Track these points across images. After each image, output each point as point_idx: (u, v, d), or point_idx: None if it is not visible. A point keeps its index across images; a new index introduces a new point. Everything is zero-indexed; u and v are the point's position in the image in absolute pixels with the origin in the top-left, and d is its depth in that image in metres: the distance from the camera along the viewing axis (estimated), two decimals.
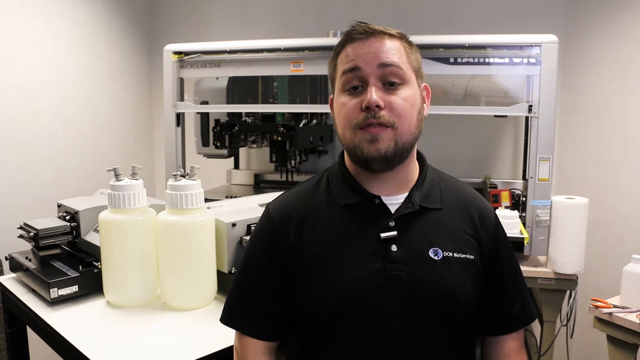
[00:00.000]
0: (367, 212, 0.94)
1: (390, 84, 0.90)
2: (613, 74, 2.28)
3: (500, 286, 1.00)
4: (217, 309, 1.30)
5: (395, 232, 0.91)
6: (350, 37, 0.92)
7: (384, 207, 0.93)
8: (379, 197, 0.94)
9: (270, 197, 1.68)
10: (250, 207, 1.51)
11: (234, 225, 1.34)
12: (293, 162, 2.39)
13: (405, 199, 0.94)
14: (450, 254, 0.92)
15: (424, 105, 0.97)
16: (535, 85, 1.91)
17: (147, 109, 3.19)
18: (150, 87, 3.20)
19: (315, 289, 0.93)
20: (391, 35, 0.92)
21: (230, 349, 1.11)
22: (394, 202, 0.94)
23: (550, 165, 1.93)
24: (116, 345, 1.13)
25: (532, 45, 1.91)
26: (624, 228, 2.28)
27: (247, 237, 1.35)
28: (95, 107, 2.77)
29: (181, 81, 2.34)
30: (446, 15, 2.57)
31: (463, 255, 0.93)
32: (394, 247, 0.91)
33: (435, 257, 0.91)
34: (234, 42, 2.24)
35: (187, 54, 2.28)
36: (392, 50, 0.90)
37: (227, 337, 1.14)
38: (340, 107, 0.93)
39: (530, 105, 1.92)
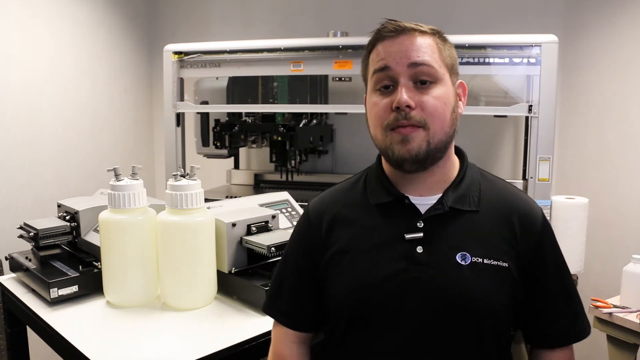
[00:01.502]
0: (397, 212, 0.93)
1: (421, 83, 0.88)
2: (613, 74, 2.28)
3: (543, 298, 0.93)
4: (217, 309, 1.31)
5: (421, 234, 0.89)
6: (381, 35, 0.91)
7: (414, 208, 0.92)
8: (407, 198, 0.92)
9: (270, 197, 1.69)
10: (250, 207, 1.51)
11: (234, 225, 1.34)
12: (293, 162, 2.39)
13: (438, 200, 0.92)
14: (480, 259, 0.88)
15: (460, 103, 0.95)
16: (535, 85, 1.91)
17: (147, 109, 3.19)
18: (150, 87, 3.20)
19: (338, 285, 0.94)
20: (423, 32, 0.90)
21: (229, 349, 1.11)
22: (426, 202, 0.92)
23: (550, 165, 1.92)
24: (116, 345, 1.13)
25: (532, 45, 1.91)
26: (624, 228, 2.28)
27: (247, 237, 1.35)
28: (95, 107, 2.77)
29: (181, 81, 2.34)
30: (446, 15, 2.57)
31: (495, 262, 0.88)
32: (419, 249, 0.89)
33: (463, 262, 0.88)
34: (234, 42, 2.24)
35: (187, 54, 2.28)
36: (424, 48, 0.88)
37: (227, 337, 1.14)
38: (371, 107, 0.92)
39: (530, 105, 1.92)
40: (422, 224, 0.90)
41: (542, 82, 1.90)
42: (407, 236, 0.89)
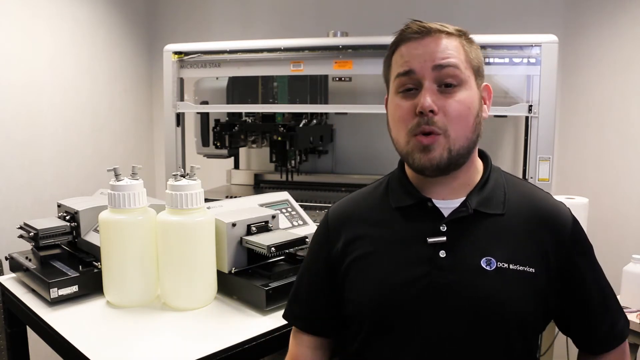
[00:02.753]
0: (420, 216, 0.90)
1: (446, 86, 0.86)
2: (613, 74, 2.28)
3: (583, 303, 0.91)
4: (217, 309, 1.31)
5: (444, 238, 0.87)
6: (405, 36, 0.89)
7: (437, 211, 0.90)
8: (430, 200, 0.90)
9: (270, 197, 1.68)
10: (250, 207, 1.51)
11: (234, 225, 1.34)
12: (293, 162, 2.39)
13: (461, 203, 0.89)
14: (506, 264, 0.85)
15: (484, 106, 0.92)
16: (535, 85, 1.91)
17: (147, 109, 3.19)
18: (150, 87, 3.20)
19: (359, 290, 0.92)
20: (449, 34, 0.88)
21: (229, 349, 1.11)
22: (449, 206, 0.90)
23: (550, 165, 1.92)
24: (116, 345, 1.13)
25: (532, 45, 1.91)
26: (624, 228, 2.28)
27: (247, 237, 1.35)
28: (95, 107, 2.77)
29: (181, 81, 2.34)
30: (446, 15, 2.56)
31: (521, 267, 0.85)
32: (442, 253, 0.86)
33: (488, 267, 0.85)
34: (234, 42, 2.24)
35: (187, 54, 2.28)
36: (449, 50, 0.86)
37: (227, 337, 1.14)
38: (394, 110, 0.90)
39: (530, 105, 1.92)
40: (445, 228, 0.88)
41: (542, 82, 1.90)
42: (430, 240, 0.87)
